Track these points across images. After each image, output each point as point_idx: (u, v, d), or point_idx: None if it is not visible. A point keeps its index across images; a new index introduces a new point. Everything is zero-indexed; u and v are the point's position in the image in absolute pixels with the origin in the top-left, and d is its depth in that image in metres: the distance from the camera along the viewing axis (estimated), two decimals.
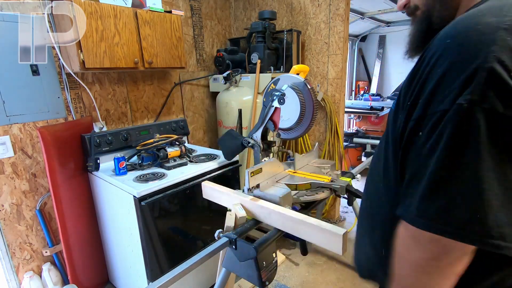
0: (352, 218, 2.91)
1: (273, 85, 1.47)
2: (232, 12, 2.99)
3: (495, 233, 0.39)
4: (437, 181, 0.43)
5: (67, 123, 1.84)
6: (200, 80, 2.74)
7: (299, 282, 2.09)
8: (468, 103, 0.40)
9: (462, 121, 0.41)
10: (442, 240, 0.43)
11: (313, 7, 2.49)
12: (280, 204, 1.17)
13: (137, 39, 1.85)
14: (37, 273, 1.85)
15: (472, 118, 0.40)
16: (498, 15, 0.42)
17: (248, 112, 2.42)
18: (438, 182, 0.43)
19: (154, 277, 1.60)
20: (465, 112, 0.40)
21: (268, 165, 1.36)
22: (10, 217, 1.71)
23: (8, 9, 1.58)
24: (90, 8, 1.60)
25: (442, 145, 0.42)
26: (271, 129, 1.51)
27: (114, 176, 1.67)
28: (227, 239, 1.04)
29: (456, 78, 0.41)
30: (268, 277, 1.03)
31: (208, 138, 2.93)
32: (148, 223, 1.54)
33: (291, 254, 2.40)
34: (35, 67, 1.70)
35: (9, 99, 1.63)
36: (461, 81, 0.41)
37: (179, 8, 2.46)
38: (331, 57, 2.50)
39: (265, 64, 2.42)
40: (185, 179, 1.68)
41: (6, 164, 1.66)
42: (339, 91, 2.54)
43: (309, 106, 1.45)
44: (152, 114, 2.39)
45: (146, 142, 1.83)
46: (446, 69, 0.43)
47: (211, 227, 1.90)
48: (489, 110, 0.39)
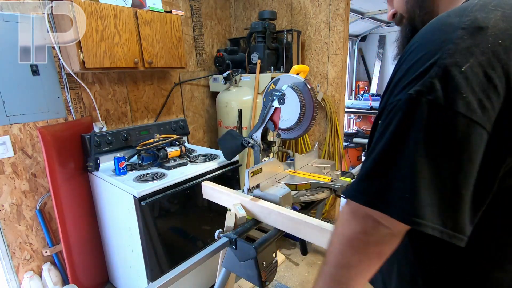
0: None
1: (273, 85, 1.47)
2: (232, 12, 2.99)
3: (418, 211, 0.42)
4: (379, 163, 0.47)
5: (67, 123, 1.84)
6: (200, 80, 2.74)
7: (299, 282, 2.09)
8: (416, 94, 0.42)
9: (408, 109, 0.44)
10: (375, 215, 0.47)
11: (313, 7, 2.49)
12: (280, 204, 1.17)
13: (137, 39, 1.85)
14: (37, 273, 1.85)
15: (417, 107, 0.42)
16: (460, 15, 0.44)
17: (248, 112, 2.42)
18: (379, 164, 0.47)
19: (154, 277, 1.60)
20: (413, 102, 0.43)
21: (268, 165, 1.36)
22: (10, 217, 1.71)
23: (8, 9, 1.58)
24: (90, 8, 1.60)
25: (389, 132, 0.46)
26: (271, 129, 1.51)
27: (114, 176, 1.67)
28: (227, 239, 1.04)
29: (415, 72, 0.44)
30: (268, 277, 1.03)
31: (208, 138, 2.93)
32: (148, 223, 1.54)
33: (291, 254, 2.40)
34: (35, 67, 1.70)
35: (9, 99, 1.63)
36: (417, 75, 0.44)
37: (179, 8, 2.46)
38: (331, 57, 2.50)
39: (265, 64, 2.42)
40: (185, 179, 1.68)
41: (6, 164, 1.66)
42: (339, 91, 2.54)
43: (309, 106, 1.45)
44: (152, 114, 2.39)
45: (146, 142, 1.84)
46: (410, 65, 0.46)
47: (211, 227, 1.90)
48: (432, 102, 0.41)
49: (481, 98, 0.40)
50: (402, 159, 0.44)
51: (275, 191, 1.26)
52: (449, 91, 0.40)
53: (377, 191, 0.46)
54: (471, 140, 0.41)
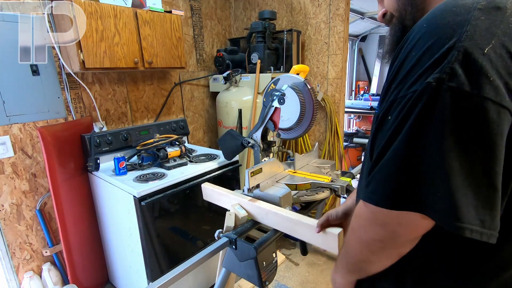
0: None
1: (273, 85, 1.47)
2: (232, 12, 2.99)
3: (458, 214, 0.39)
4: (402, 163, 0.43)
5: (67, 123, 1.84)
6: (200, 80, 2.74)
7: (299, 282, 2.09)
8: (436, 82, 0.39)
9: (429, 99, 0.40)
10: (393, 223, 0.45)
11: (313, 7, 2.49)
12: (280, 204, 1.17)
13: (137, 39, 1.85)
14: (37, 273, 1.85)
15: (438, 96, 0.39)
16: None
17: (248, 112, 2.42)
18: (403, 164, 0.43)
19: (154, 277, 1.60)
20: (433, 91, 0.39)
21: (268, 165, 1.36)
22: (10, 217, 1.71)
23: (8, 9, 1.58)
24: (90, 8, 1.60)
25: (408, 126, 0.42)
26: (271, 129, 1.51)
27: (114, 176, 1.67)
28: (227, 239, 1.04)
29: (429, 59, 0.41)
30: (268, 277, 1.03)
31: (208, 138, 2.93)
32: (148, 223, 1.54)
33: (291, 254, 2.40)
34: (35, 67, 1.70)
35: (9, 99, 1.63)
36: (433, 61, 0.40)
37: (179, 8, 2.46)
38: (331, 57, 2.50)
39: (265, 64, 2.42)
40: (185, 179, 1.68)
41: (6, 164, 1.66)
42: (339, 91, 2.54)
43: (309, 106, 1.45)
44: (152, 114, 2.39)
45: (146, 142, 1.84)
46: (422, 53, 0.42)
47: (211, 227, 1.90)
48: (455, 89, 0.38)
49: (507, 82, 0.38)
50: (428, 156, 0.40)
51: (275, 191, 1.26)
52: (474, 75, 0.37)
53: (405, 193, 0.43)
54: (503, 128, 0.38)
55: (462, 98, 0.38)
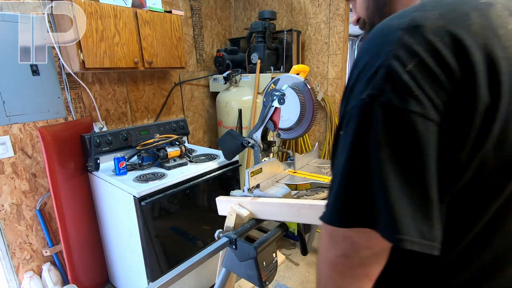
0: None
1: (273, 85, 1.47)
2: (232, 12, 2.99)
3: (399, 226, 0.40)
4: (347, 180, 0.44)
5: (67, 123, 1.84)
6: (200, 80, 2.74)
7: (299, 282, 2.09)
8: (369, 98, 0.41)
9: (363, 115, 0.42)
10: (353, 235, 0.45)
11: (313, 7, 2.49)
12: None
13: (137, 39, 1.85)
14: (37, 273, 1.85)
15: (371, 112, 0.41)
16: (400, 17, 0.44)
17: (248, 112, 2.42)
18: (347, 181, 0.44)
19: (154, 277, 1.60)
20: (366, 106, 0.42)
21: (268, 165, 1.36)
22: (10, 217, 1.71)
23: (8, 9, 1.58)
24: (90, 8, 1.60)
25: (349, 143, 0.44)
26: (271, 129, 1.51)
27: (114, 176, 1.67)
28: (227, 239, 1.04)
29: (365, 76, 0.43)
30: (268, 277, 1.03)
31: (208, 138, 2.93)
32: (148, 223, 1.54)
33: (291, 254, 2.40)
34: (35, 67, 1.70)
35: (9, 99, 1.63)
36: (367, 79, 0.43)
37: (179, 8, 2.46)
38: (331, 57, 2.50)
39: (265, 64, 2.42)
40: (185, 179, 1.68)
41: (6, 164, 1.66)
42: (339, 91, 2.54)
43: (309, 106, 1.45)
44: (152, 114, 2.39)
45: (146, 142, 1.84)
46: (360, 70, 0.45)
47: (211, 227, 1.90)
48: (386, 104, 0.40)
49: (430, 95, 0.40)
50: (369, 170, 0.42)
51: (275, 191, 1.26)
52: (400, 91, 0.40)
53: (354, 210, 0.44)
54: (430, 138, 0.40)
55: (392, 112, 0.40)
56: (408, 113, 0.39)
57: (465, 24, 0.41)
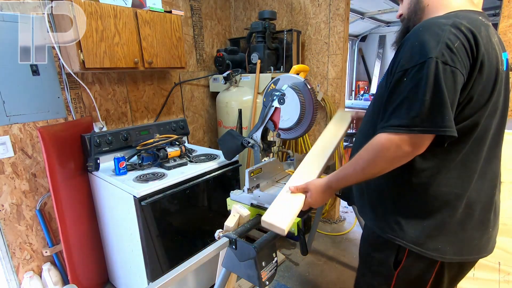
0: (352, 218, 2.91)
1: (273, 85, 1.47)
2: (232, 12, 2.99)
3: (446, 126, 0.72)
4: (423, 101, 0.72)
5: (67, 123, 1.84)
6: (200, 80, 2.74)
7: (299, 282, 2.09)
8: (435, 57, 0.71)
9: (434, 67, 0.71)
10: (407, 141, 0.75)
11: (313, 7, 2.49)
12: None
13: (137, 39, 1.85)
14: (37, 273, 1.85)
15: (437, 66, 0.71)
16: (446, 18, 0.76)
17: (248, 112, 2.42)
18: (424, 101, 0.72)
19: (154, 277, 1.61)
20: (434, 63, 0.71)
21: (268, 165, 1.36)
22: (10, 217, 1.71)
23: (8, 9, 1.58)
24: (90, 8, 1.60)
25: (424, 81, 0.71)
26: (271, 129, 1.51)
27: (114, 176, 1.67)
28: (227, 239, 1.04)
29: (426, 46, 0.72)
30: (268, 277, 1.03)
31: (208, 138, 2.93)
32: (148, 223, 1.54)
33: (291, 254, 2.40)
34: (35, 67, 1.70)
35: (9, 99, 1.63)
36: (429, 47, 0.72)
37: (179, 8, 2.46)
38: (331, 57, 2.50)
39: (265, 64, 2.42)
40: (185, 179, 1.68)
41: (6, 164, 1.66)
42: (339, 91, 2.54)
43: (309, 106, 1.45)
44: (152, 114, 2.39)
45: (146, 142, 1.83)
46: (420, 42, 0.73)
47: (211, 227, 1.90)
48: (444, 62, 0.71)
49: (464, 61, 0.72)
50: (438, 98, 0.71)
51: (275, 191, 1.26)
52: (452, 56, 0.71)
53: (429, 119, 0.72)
54: (458, 80, 0.72)
55: (446, 66, 0.71)
56: (453, 67, 0.71)
57: (479, 31, 0.73)
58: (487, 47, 0.74)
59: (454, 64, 0.70)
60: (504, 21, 1.75)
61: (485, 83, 0.75)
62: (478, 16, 0.78)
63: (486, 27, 0.76)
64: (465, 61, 0.71)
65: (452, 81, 0.71)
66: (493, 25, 0.87)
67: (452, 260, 0.84)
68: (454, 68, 0.70)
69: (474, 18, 0.76)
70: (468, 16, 0.76)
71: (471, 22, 0.73)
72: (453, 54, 0.70)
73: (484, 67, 0.74)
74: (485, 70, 0.74)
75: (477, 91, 0.75)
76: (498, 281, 1.47)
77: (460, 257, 0.84)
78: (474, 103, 0.76)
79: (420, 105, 0.71)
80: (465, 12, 0.79)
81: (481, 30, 0.74)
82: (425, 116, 0.71)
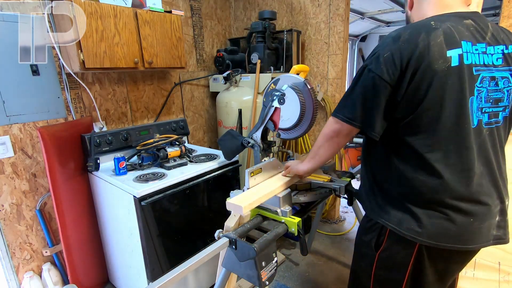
0: (352, 218, 2.91)
1: (273, 85, 1.47)
2: (232, 12, 2.99)
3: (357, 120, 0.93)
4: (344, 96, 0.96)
5: (67, 123, 1.84)
6: (200, 80, 2.74)
7: (299, 282, 2.09)
8: (365, 65, 0.91)
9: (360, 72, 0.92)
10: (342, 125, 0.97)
11: (313, 7, 2.49)
12: (280, 204, 1.17)
13: (137, 39, 1.85)
14: (37, 273, 1.85)
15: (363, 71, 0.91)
16: (397, 30, 0.90)
17: (248, 112, 2.42)
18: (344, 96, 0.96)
19: (154, 277, 1.60)
20: (363, 69, 0.91)
21: (268, 165, 1.36)
22: (10, 217, 1.71)
23: (8, 9, 1.58)
24: (90, 8, 1.60)
25: (353, 82, 0.93)
26: (271, 129, 1.51)
27: (114, 176, 1.67)
28: (227, 239, 1.04)
29: (369, 55, 0.91)
30: (268, 277, 1.03)
31: (208, 138, 2.93)
32: (148, 223, 1.54)
33: (291, 254, 2.40)
34: (35, 67, 1.70)
35: (9, 99, 1.63)
36: (369, 57, 0.91)
37: (179, 8, 2.46)
38: (331, 57, 2.50)
39: (265, 64, 2.42)
40: (185, 179, 1.68)
41: (6, 164, 1.66)
42: (339, 91, 2.54)
43: (309, 106, 1.45)
44: (152, 114, 2.39)
45: (146, 142, 1.83)
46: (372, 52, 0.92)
47: (211, 227, 1.90)
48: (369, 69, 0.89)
49: (388, 69, 0.85)
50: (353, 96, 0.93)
51: None
52: (376, 65, 0.87)
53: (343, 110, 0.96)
54: (381, 87, 0.87)
55: (371, 73, 0.88)
56: (376, 74, 0.87)
57: (416, 41, 0.84)
58: (421, 52, 0.82)
59: (375, 71, 0.86)
60: (504, 21, 1.75)
61: (418, 82, 0.84)
62: (431, 21, 0.86)
63: (430, 31, 0.83)
64: (391, 69, 0.85)
65: (371, 85, 0.88)
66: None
67: (425, 243, 0.89)
68: (375, 74, 0.87)
69: (422, 24, 0.86)
70: (419, 24, 0.88)
71: (413, 32, 0.85)
72: (378, 63, 0.86)
73: (418, 70, 0.83)
74: (418, 72, 0.83)
75: (412, 90, 0.85)
76: (498, 281, 1.47)
77: (436, 243, 0.88)
78: (412, 100, 0.86)
79: (342, 98, 0.97)
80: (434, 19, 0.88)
81: (419, 37, 0.83)
82: (341, 106, 0.96)
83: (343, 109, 0.95)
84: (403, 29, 0.87)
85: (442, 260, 0.95)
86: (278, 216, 1.17)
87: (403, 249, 0.94)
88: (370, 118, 0.90)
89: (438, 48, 0.82)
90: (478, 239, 0.89)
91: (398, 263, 0.97)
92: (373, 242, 1.01)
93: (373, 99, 0.88)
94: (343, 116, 0.94)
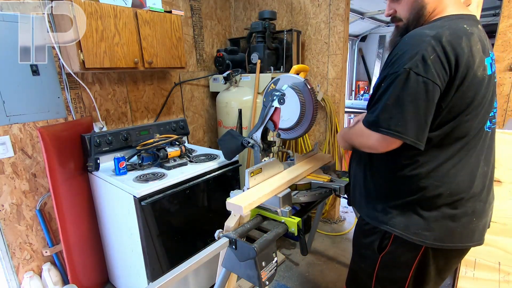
0: (352, 218, 2.91)
1: (273, 85, 1.47)
2: (232, 12, 2.99)
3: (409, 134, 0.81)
4: (385, 106, 0.82)
5: (67, 123, 1.84)
6: (200, 80, 2.74)
7: (299, 282, 2.09)
8: (409, 68, 0.78)
9: (405, 76, 0.79)
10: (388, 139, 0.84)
11: (313, 7, 2.49)
12: (280, 204, 1.17)
13: (137, 39, 1.85)
14: (37, 273, 1.85)
15: (409, 76, 0.79)
16: (430, 29, 0.81)
17: (248, 112, 2.42)
18: (386, 106, 0.82)
19: (154, 277, 1.61)
20: (406, 72, 0.79)
21: (268, 165, 1.36)
22: (10, 217, 1.71)
23: (8, 9, 1.58)
24: (90, 8, 1.60)
25: (392, 88, 0.81)
26: (271, 129, 1.51)
27: (114, 176, 1.67)
28: (227, 239, 1.04)
29: (405, 57, 0.80)
30: (268, 277, 1.03)
31: (208, 138, 2.93)
32: (148, 223, 1.54)
33: (291, 254, 2.40)
34: (35, 67, 1.70)
35: (9, 99, 1.63)
36: (407, 58, 0.79)
37: (179, 8, 2.46)
38: (331, 57, 2.50)
39: (265, 64, 2.42)
40: (185, 179, 1.68)
41: (6, 164, 1.66)
42: (339, 91, 2.54)
43: (309, 106, 1.45)
44: (152, 114, 2.39)
45: (146, 142, 1.83)
46: (402, 53, 0.81)
47: (211, 227, 1.90)
48: (417, 73, 0.78)
49: (438, 72, 0.78)
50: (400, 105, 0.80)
51: None
52: (425, 68, 0.78)
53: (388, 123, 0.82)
54: (434, 93, 0.79)
55: (419, 77, 0.78)
56: (426, 78, 0.78)
57: (459, 43, 0.78)
58: (467, 58, 0.78)
59: (426, 75, 0.77)
60: (504, 21, 1.75)
61: (465, 90, 0.80)
62: (463, 24, 0.81)
63: (469, 36, 0.80)
64: (441, 73, 0.77)
65: (423, 91, 0.78)
66: (493, 25, 0.90)
67: (433, 245, 0.89)
68: (426, 78, 0.77)
69: (458, 28, 0.80)
70: (453, 26, 0.80)
71: (453, 33, 0.79)
72: (426, 65, 0.77)
73: (466, 77, 0.79)
74: (466, 79, 0.79)
75: (458, 98, 0.80)
76: (498, 281, 1.47)
77: (441, 244, 0.89)
78: (454, 108, 0.81)
79: (381, 108, 0.83)
80: (454, 19, 0.83)
81: (461, 41, 0.78)
82: (386, 118, 0.82)
83: (389, 121, 0.81)
84: (439, 28, 0.79)
85: (444, 257, 0.97)
86: (278, 216, 1.17)
87: (408, 251, 0.94)
88: (424, 130, 0.80)
89: (480, 55, 0.81)
90: (476, 237, 0.92)
91: (403, 264, 0.97)
92: (375, 244, 1.00)
93: (427, 108, 0.78)
94: (393, 131, 0.80)
